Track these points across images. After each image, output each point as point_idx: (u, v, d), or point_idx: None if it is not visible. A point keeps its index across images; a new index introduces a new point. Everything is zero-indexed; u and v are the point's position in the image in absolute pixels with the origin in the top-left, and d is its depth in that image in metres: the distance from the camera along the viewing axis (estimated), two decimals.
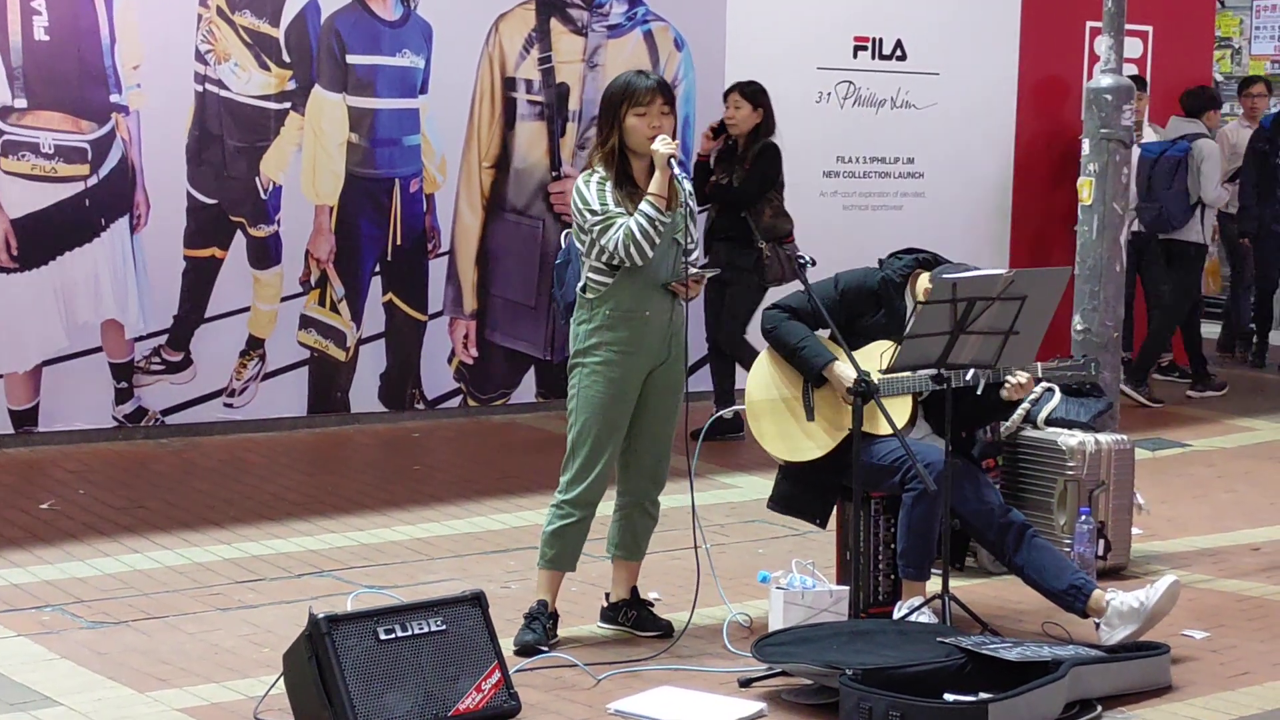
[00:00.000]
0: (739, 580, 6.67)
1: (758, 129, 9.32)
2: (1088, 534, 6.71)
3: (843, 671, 5.23)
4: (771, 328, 6.32)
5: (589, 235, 5.84)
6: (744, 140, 9.36)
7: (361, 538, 7.43)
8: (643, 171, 5.87)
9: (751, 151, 9.29)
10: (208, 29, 9.14)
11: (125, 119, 8.97)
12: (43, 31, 8.72)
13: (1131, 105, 7.63)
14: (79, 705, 5.29)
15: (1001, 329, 5.85)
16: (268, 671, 5.46)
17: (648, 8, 10.44)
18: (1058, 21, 11.97)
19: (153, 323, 9.10)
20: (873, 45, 11.25)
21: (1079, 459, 6.98)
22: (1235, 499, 8.68)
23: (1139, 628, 5.94)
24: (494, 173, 10.03)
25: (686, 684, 5.58)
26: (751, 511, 7.82)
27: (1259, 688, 5.73)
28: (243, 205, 9.31)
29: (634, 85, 5.85)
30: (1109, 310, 7.59)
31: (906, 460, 5.95)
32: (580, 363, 5.92)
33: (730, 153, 9.42)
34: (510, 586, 6.66)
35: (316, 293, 9.56)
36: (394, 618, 5.16)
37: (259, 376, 9.43)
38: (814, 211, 11.02)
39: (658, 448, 6.04)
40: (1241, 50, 16.69)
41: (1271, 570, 7.26)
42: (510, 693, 5.23)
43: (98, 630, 6.06)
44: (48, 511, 7.65)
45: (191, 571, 6.84)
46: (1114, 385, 7.60)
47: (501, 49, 9.99)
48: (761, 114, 9.32)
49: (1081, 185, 7.67)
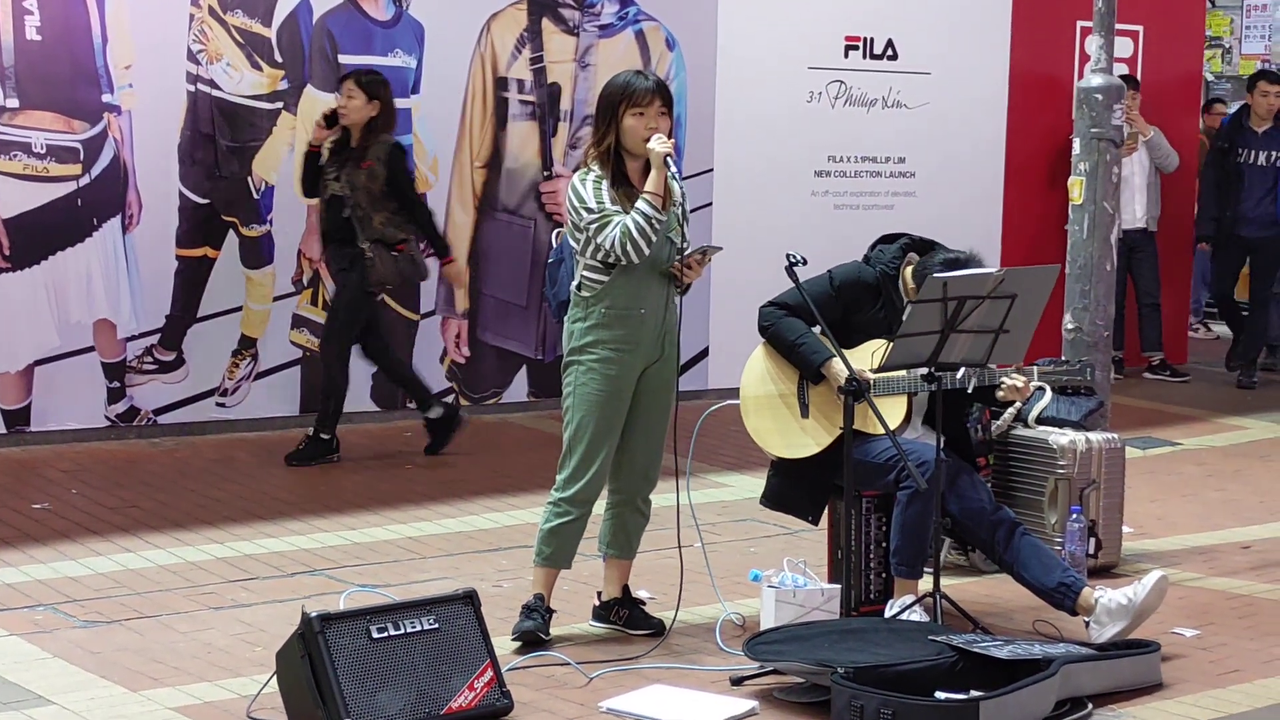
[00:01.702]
0: (730, 579, 6.68)
1: (374, 122, 8.62)
2: (1078, 532, 6.72)
3: (834, 670, 5.24)
4: (768, 325, 6.33)
5: (584, 234, 5.84)
6: (359, 133, 8.62)
7: (354, 536, 7.44)
8: (637, 171, 5.88)
9: (374, 152, 8.58)
10: (200, 29, 9.14)
11: (117, 119, 8.97)
12: (35, 31, 8.73)
13: (1122, 105, 7.66)
14: (72, 704, 5.29)
15: (992, 327, 5.87)
16: (260, 670, 5.47)
17: (639, 8, 10.45)
18: (1048, 21, 11.99)
19: (145, 322, 9.10)
20: (864, 45, 11.26)
21: (1070, 457, 6.99)
22: (1225, 497, 8.70)
23: (1128, 624, 5.95)
24: (486, 172, 10.04)
25: (678, 682, 5.59)
26: (743, 510, 7.83)
27: (1249, 685, 5.74)
28: (235, 205, 9.32)
29: (633, 85, 5.86)
30: (1100, 309, 7.61)
31: (899, 459, 5.96)
32: (576, 360, 5.93)
33: (344, 145, 8.68)
34: (503, 585, 6.67)
35: (309, 292, 9.57)
36: (387, 616, 5.16)
37: (251, 376, 9.44)
38: (805, 211, 11.07)
39: (650, 446, 6.05)
40: (1232, 50, 16.70)
41: (1261, 568, 7.28)
42: (503, 691, 5.24)
43: (91, 629, 6.07)
44: (40, 511, 7.65)
45: (184, 570, 6.85)
46: (1105, 384, 7.62)
47: (493, 49, 10.00)
48: (378, 106, 8.62)
49: (1072, 184, 7.69)
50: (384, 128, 8.68)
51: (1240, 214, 11.91)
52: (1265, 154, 11.90)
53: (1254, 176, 11.90)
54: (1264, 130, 11.92)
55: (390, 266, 8.66)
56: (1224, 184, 11.98)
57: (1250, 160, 11.91)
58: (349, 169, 8.60)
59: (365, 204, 8.58)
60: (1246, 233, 11.92)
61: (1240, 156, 11.93)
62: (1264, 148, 11.90)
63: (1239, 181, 11.91)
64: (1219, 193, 12.01)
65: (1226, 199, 11.96)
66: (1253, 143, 11.93)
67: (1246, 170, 11.91)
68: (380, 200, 8.60)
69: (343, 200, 8.61)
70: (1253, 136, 11.94)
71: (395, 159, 8.66)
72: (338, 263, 8.77)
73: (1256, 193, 11.89)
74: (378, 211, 8.60)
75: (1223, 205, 11.98)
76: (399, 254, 8.68)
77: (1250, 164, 11.91)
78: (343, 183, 8.61)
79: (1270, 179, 11.88)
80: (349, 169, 8.60)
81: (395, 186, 8.63)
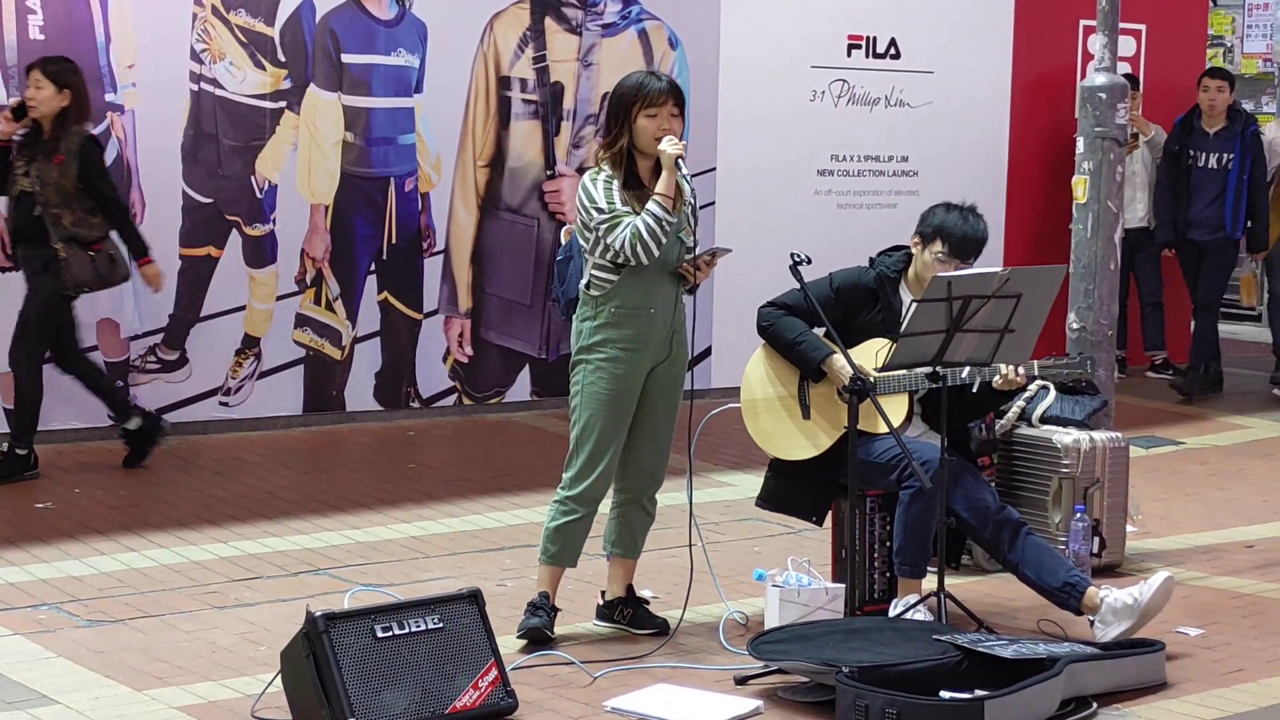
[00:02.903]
0: (735, 578, 6.68)
1: (65, 113, 8.09)
2: (1082, 531, 6.72)
3: (839, 669, 5.24)
4: (767, 325, 6.34)
5: (594, 233, 5.84)
6: (49, 125, 8.09)
7: (357, 536, 7.44)
8: (648, 171, 5.88)
9: (66, 145, 8.08)
10: (203, 28, 9.14)
11: (120, 118, 8.97)
12: (38, 30, 8.73)
13: (1125, 104, 7.66)
14: (76, 703, 5.29)
15: (997, 327, 5.86)
16: (265, 669, 5.47)
17: (642, 7, 10.44)
18: (1051, 20, 11.98)
19: (148, 321, 9.11)
20: (867, 44, 11.26)
21: (1074, 457, 6.99)
22: (1229, 497, 8.70)
23: (1133, 624, 5.95)
24: (489, 171, 10.04)
25: (683, 681, 5.59)
26: (747, 509, 7.82)
27: (1253, 684, 5.74)
28: (238, 204, 9.32)
29: (647, 86, 5.85)
30: (1104, 308, 7.61)
31: (903, 458, 5.96)
32: (584, 359, 5.93)
33: (36, 138, 8.16)
34: (506, 584, 6.67)
35: (312, 291, 9.57)
36: (391, 615, 5.16)
37: (255, 375, 9.44)
38: (808, 210, 11.06)
39: (657, 445, 6.06)
40: (1234, 49, 16.69)
41: (1265, 568, 7.28)
42: (507, 690, 5.24)
43: (94, 629, 6.07)
44: (44, 510, 7.65)
45: (188, 570, 6.85)
46: (1109, 383, 7.62)
47: (496, 48, 10.00)
48: (69, 96, 8.08)
49: (1076, 184, 7.69)
50: (77, 119, 8.15)
51: (1189, 218, 11.42)
52: (1215, 156, 11.38)
53: (1203, 179, 11.40)
54: (1215, 131, 11.40)
55: (87, 268, 8.16)
56: (1177, 187, 11.50)
57: (1201, 163, 11.42)
58: (39, 164, 8.10)
59: (57, 201, 8.09)
60: (1196, 236, 11.42)
61: (1191, 159, 11.45)
62: (1214, 150, 11.38)
63: (1189, 184, 11.43)
64: (1173, 196, 11.52)
65: (1179, 202, 11.49)
66: (1203, 144, 11.42)
67: (1196, 173, 11.41)
68: (73, 197, 8.11)
69: (33, 197, 8.11)
70: (1203, 138, 11.43)
71: (89, 152, 8.16)
72: (30, 265, 8.23)
73: (1205, 195, 11.38)
74: (70, 209, 8.11)
75: (1177, 209, 11.50)
76: (95, 254, 8.19)
77: (1201, 166, 11.41)
78: (32, 178, 8.11)
79: (1219, 182, 11.32)
80: (39, 164, 8.10)
81: (89, 182, 8.13)
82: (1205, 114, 11.45)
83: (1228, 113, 11.45)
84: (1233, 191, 11.32)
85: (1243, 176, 11.31)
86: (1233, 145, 11.34)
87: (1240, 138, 11.35)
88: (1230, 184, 11.31)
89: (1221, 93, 11.43)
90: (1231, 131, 11.38)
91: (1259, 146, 11.40)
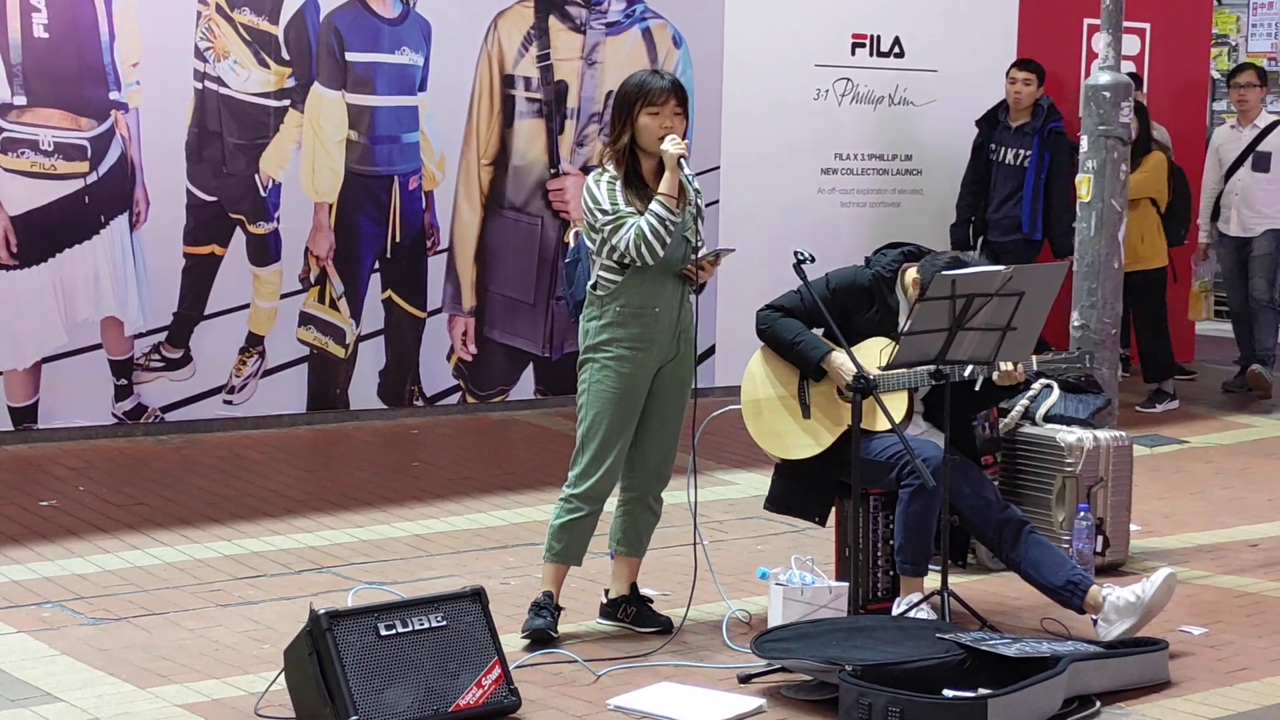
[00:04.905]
0: (738, 576, 6.69)
1: None
2: (1086, 530, 6.72)
3: (842, 667, 5.24)
4: (765, 327, 6.35)
5: (599, 234, 5.86)
6: None
7: (361, 534, 7.44)
8: (652, 171, 5.89)
9: None
10: (207, 26, 9.14)
11: (125, 116, 8.97)
12: (42, 29, 8.73)
13: (1129, 102, 7.65)
14: (80, 701, 5.30)
15: (999, 325, 5.87)
16: (268, 667, 5.48)
17: (646, 5, 10.44)
18: (1055, 19, 11.98)
19: (152, 320, 9.10)
20: (871, 42, 11.26)
21: (1077, 455, 6.99)
22: (1232, 495, 8.69)
23: (1136, 622, 5.95)
24: (493, 170, 10.04)
25: (686, 680, 5.60)
26: (750, 508, 7.82)
27: (1256, 683, 5.74)
28: (242, 202, 9.32)
29: (649, 85, 5.86)
30: (1107, 307, 7.61)
31: (904, 456, 5.97)
32: (591, 358, 5.94)
33: None
34: (510, 583, 6.68)
35: (316, 290, 9.57)
36: (395, 613, 5.17)
37: (258, 373, 9.44)
38: (811, 208, 11.06)
39: (664, 444, 6.06)
40: (1238, 47, 16.68)
41: (1269, 566, 7.28)
42: (510, 688, 5.25)
43: (98, 626, 6.07)
44: (47, 508, 7.66)
45: (191, 568, 6.86)
46: (1113, 382, 7.62)
47: (500, 46, 10.00)
48: None
49: (1080, 182, 7.69)
50: None
51: (986, 218, 10.93)
52: (1014, 152, 10.81)
53: (1001, 176, 10.85)
54: (1017, 126, 10.81)
55: None
56: (979, 184, 10.95)
57: (1001, 159, 10.85)
58: None
59: None
60: (991, 237, 10.84)
61: (992, 154, 10.89)
62: (1014, 145, 10.82)
63: (989, 181, 10.91)
64: (974, 193, 10.98)
65: (980, 200, 10.95)
66: (1004, 139, 10.85)
67: (996, 169, 10.85)
68: None
69: None
70: (1005, 132, 10.87)
71: None
72: None
73: (1001, 194, 10.85)
74: None
75: (975, 207, 10.96)
76: None
77: (1001, 162, 10.85)
78: None
79: (1017, 180, 10.78)
80: None
81: None
82: (1011, 107, 10.89)
83: (1033, 108, 10.83)
84: (1029, 191, 10.73)
85: (1040, 175, 10.72)
86: (1032, 142, 10.76)
87: (1040, 135, 10.76)
88: (1027, 183, 10.75)
89: (1029, 85, 10.79)
90: (1033, 127, 10.80)
91: (1060, 144, 10.70)
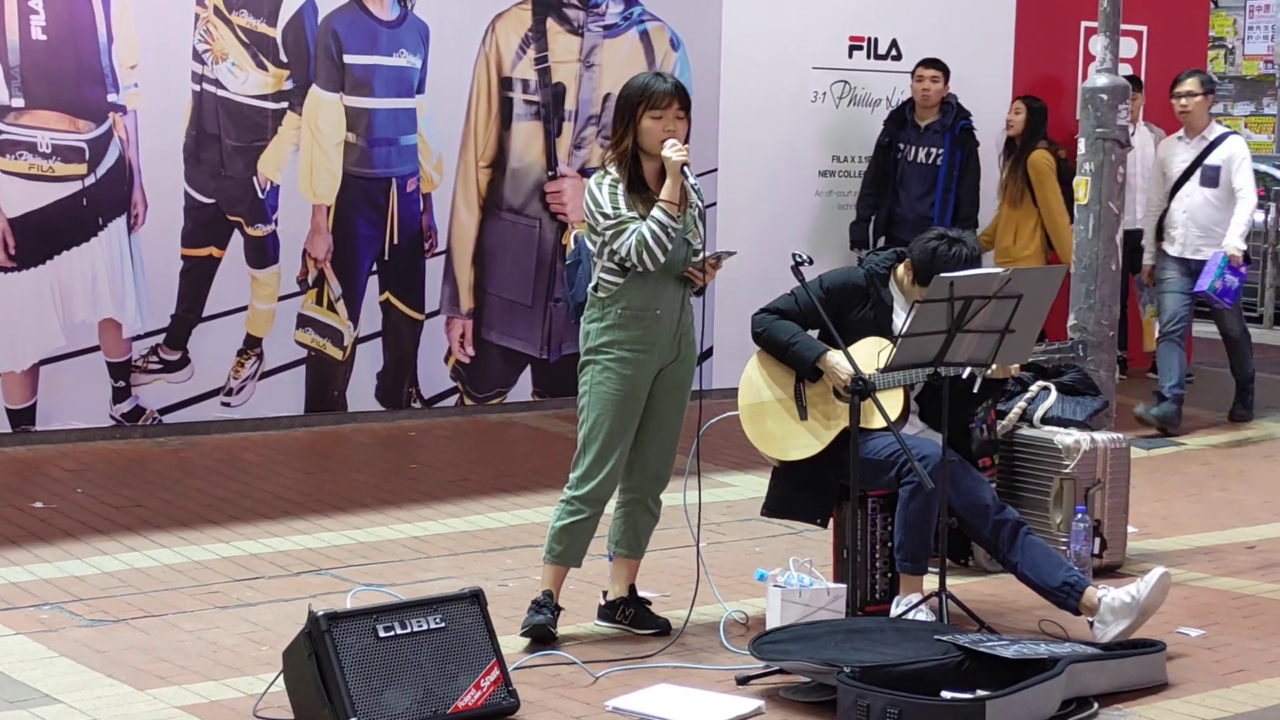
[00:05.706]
0: (736, 578, 6.69)
1: None
2: (1083, 532, 6.73)
3: (840, 669, 5.25)
4: (761, 330, 6.37)
5: (601, 237, 5.86)
6: None
7: (359, 536, 7.44)
8: (654, 173, 5.89)
9: None
10: (205, 28, 9.15)
11: (122, 118, 8.98)
12: (40, 31, 8.73)
13: (1127, 105, 7.66)
14: (78, 703, 5.30)
15: (997, 327, 5.88)
16: (267, 669, 5.48)
17: (644, 8, 10.45)
18: (1053, 21, 11.99)
19: (150, 322, 9.11)
20: (868, 45, 11.27)
21: (1075, 457, 7.00)
22: (1229, 497, 8.70)
23: (1132, 622, 5.96)
24: (490, 172, 10.05)
25: (684, 681, 5.60)
26: (748, 510, 7.83)
27: (1254, 685, 5.75)
28: (240, 205, 9.32)
29: (652, 87, 5.87)
30: (1104, 309, 7.62)
31: (901, 455, 5.98)
32: (592, 360, 5.94)
33: None
34: (508, 584, 6.68)
35: (314, 292, 9.57)
36: (393, 615, 5.17)
37: (256, 375, 9.44)
38: (808, 211, 11.07)
39: (664, 446, 6.07)
40: (1235, 50, 16.69)
41: (1266, 568, 7.29)
42: (509, 690, 5.25)
43: (96, 628, 6.07)
44: (45, 510, 7.66)
45: (190, 570, 6.86)
46: (1110, 384, 7.63)
47: (498, 49, 10.01)
48: None
49: (1078, 185, 7.70)
50: None
51: (895, 215, 10.78)
52: (925, 150, 10.73)
53: (912, 174, 10.75)
54: (926, 124, 10.75)
55: None
56: (881, 182, 10.81)
57: (910, 157, 10.74)
58: None
59: None
60: (901, 235, 10.39)
61: (900, 152, 10.78)
62: (924, 144, 10.73)
63: (896, 180, 10.78)
64: (876, 191, 10.84)
65: (882, 199, 10.82)
66: (912, 138, 10.76)
67: (905, 168, 10.75)
68: None
69: None
70: (914, 131, 10.78)
71: None
72: None
73: (913, 192, 10.73)
74: None
75: (877, 206, 10.84)
76: None
77: (910, 161, 10.74)
78: None
79: (929, 178, 10.70)
80: None
81: None
82: (918, 105, 10.81)
83: (941, 105, 10.77)
84: (941, 189, 10.68)
85: (952, 173, 10.67)
86: (943, 140, 10.72)
87: (951, 133, 10.72)
88: (939, 181, 10.70)
89: (936, 83, 10.71)
90: (943, 125, 10.75)
91: (970, 142, 10.76)
